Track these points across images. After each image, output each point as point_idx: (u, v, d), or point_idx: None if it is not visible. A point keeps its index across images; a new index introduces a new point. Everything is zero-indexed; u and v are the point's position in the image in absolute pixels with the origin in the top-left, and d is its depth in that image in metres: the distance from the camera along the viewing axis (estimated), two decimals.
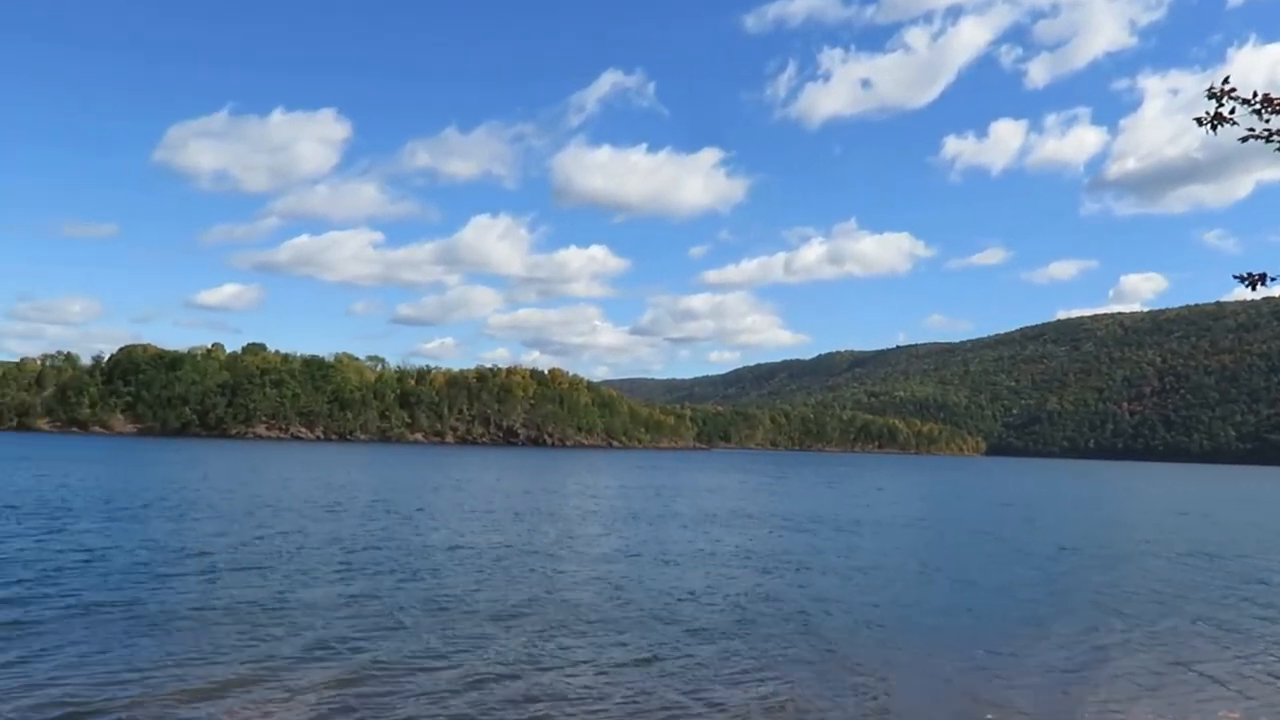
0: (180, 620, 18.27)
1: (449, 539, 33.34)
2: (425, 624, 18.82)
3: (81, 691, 13.53)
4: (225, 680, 14.38)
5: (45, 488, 50.91)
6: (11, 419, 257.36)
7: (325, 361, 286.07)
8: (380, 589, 22.50)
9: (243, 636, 17.06)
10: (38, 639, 16.44)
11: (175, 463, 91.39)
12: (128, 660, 15.30)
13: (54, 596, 20.13)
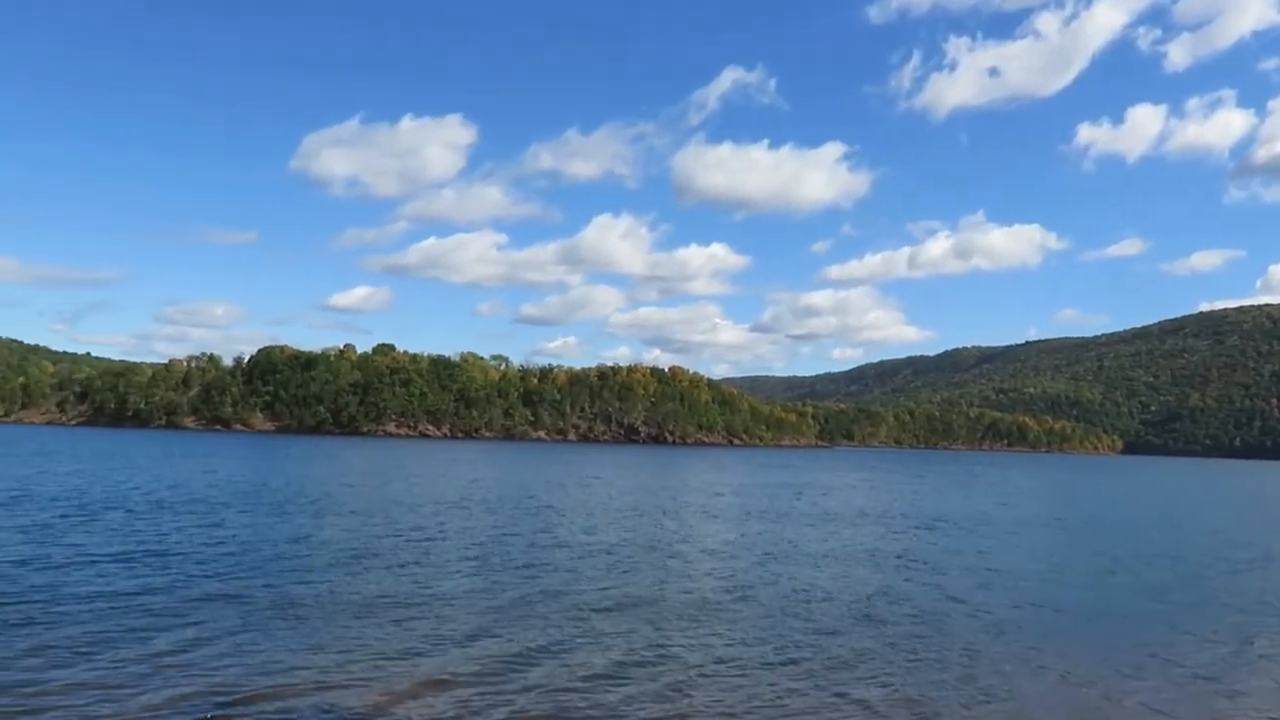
0: (324, 611, 18.68)
1: (580, 535, 33.58)
2: (562, 618, 18.84)
3: (229, 678, 13.89)
4: (365, 671, 14.58)
5: (198, 483, 53.44)
6: (161, 417, 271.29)
7: (451, 361, 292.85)
8: (516, 583, 22.58)
9: (383, 628, 17.29)
10: (191, 627, 16.96)
11: (315, 459, 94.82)
12: (274, 649, 15.66)
13: (207, 586, 20.84)
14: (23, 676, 13.58)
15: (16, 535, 28.01)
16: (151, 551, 25.76)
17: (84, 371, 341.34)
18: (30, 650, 14.97)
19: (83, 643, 15.56)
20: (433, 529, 33.67)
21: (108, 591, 19.87)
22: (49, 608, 18.06)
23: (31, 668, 14.04)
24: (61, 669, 14.04)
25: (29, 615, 17.34)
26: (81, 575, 21.68)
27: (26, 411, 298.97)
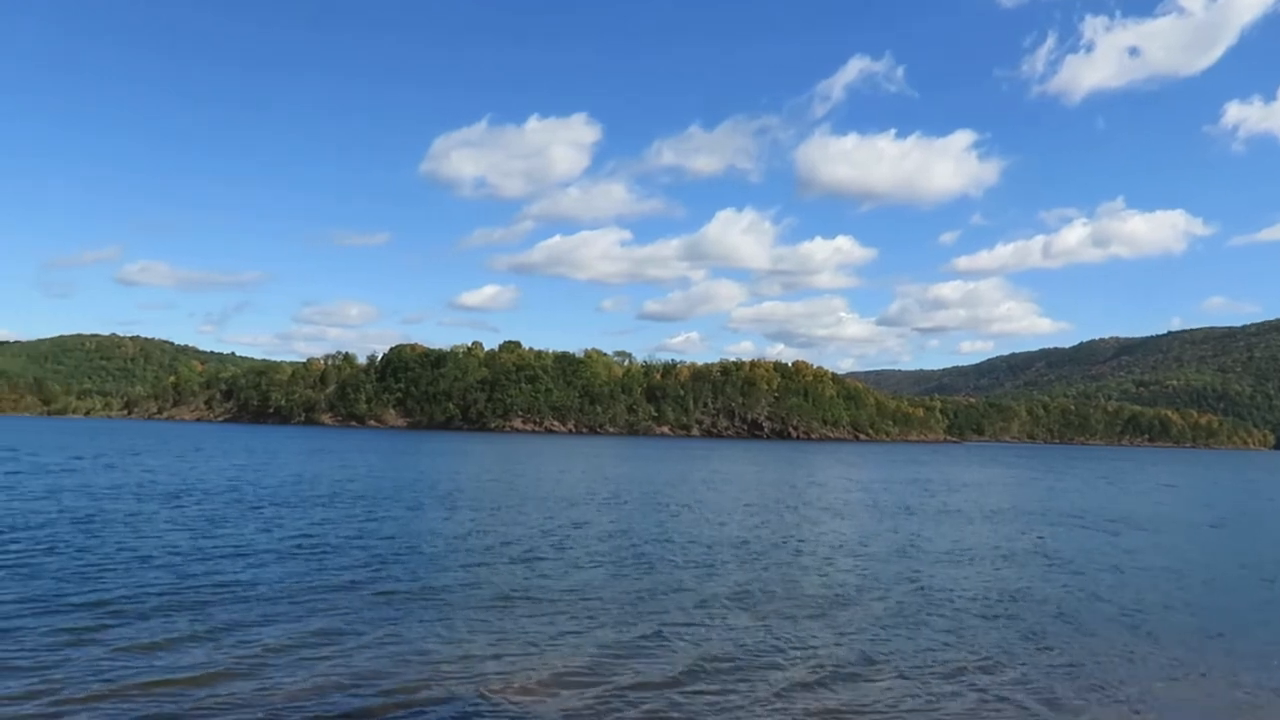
0: (464, 602, 18.88)
1: (710, 530, 33.40)
2: (696, 614, 18.61)
3: (372, 668, 14.07)
4: (504, 662, 14.63)
5: (340, 478, 55.42)
6: (300, 414, 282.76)
7: (576, 357, 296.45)
8: (649, 577, 22.46)
9: (521, 620, 17.41)
10: (336, 616, 17.33)
11: (447, 454, 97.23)
12: (416, 639, 15.87)
13: (351, 577, 21.34)
14: (172, 661, 14.10)
15: (179, 527, 29.41)
16: (299, 544, 26.61)
17: (229, 370, 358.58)
18: (182, 637, 15.53)
19: (232, 630, 16.09)
20: (565, 523, 34.03)
21: (258, 581, 20.56)
22: (203, 596, 18.78)
23: (182, 654, 14.56)
24: (211, 655, 14.51)
25: (183, 603, 18.06)
26: (234, 565, 22.52)
27: (177, 408, 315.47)
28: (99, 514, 32.02)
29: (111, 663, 13.96)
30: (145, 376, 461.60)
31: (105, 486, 43.49)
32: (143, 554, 23.66)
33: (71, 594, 18.48)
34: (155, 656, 14.41)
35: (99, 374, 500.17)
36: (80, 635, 15.39)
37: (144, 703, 12.33)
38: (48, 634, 15.39)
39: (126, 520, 30.52)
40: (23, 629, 15.64)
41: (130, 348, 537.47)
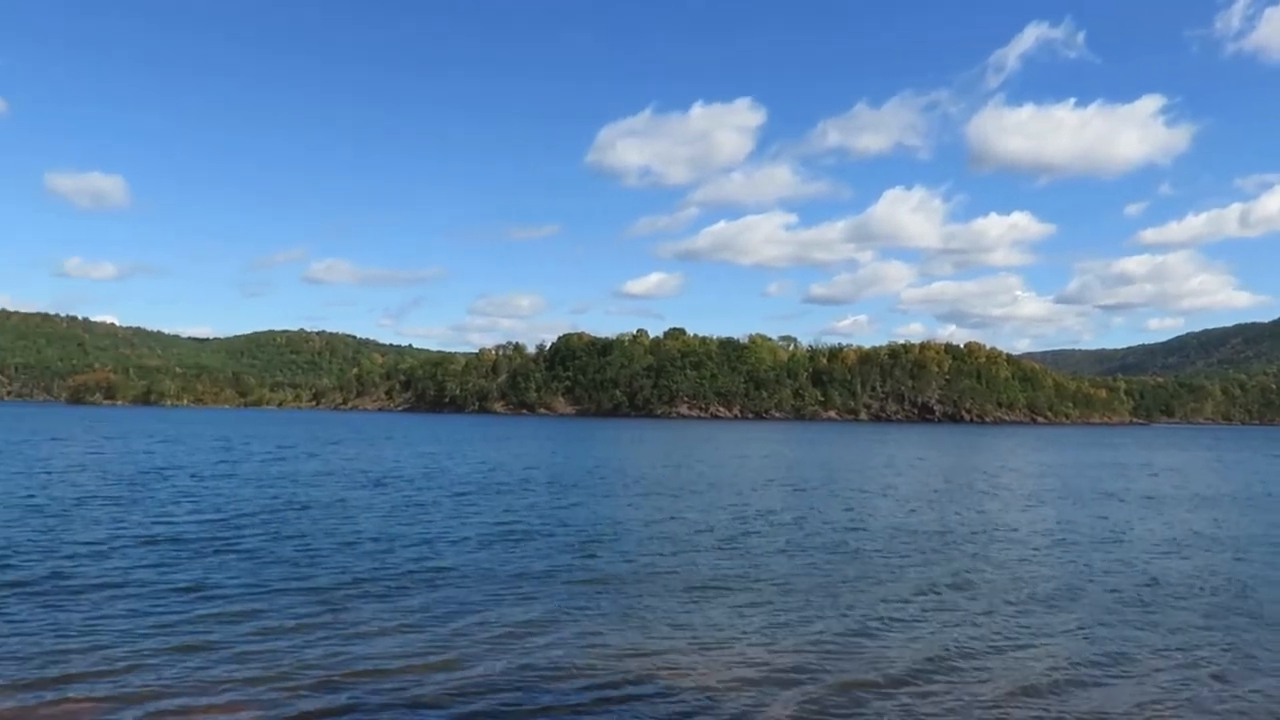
0: (649, 590, 18.64)
1: (891, 517, 32.33)
2: (886, 605, 17.78)
3: (561, 656, 13.92)
4: (690, 652, 14.22)
5: (521, 465, 56.82)
6: (474, 403, 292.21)
7: (740, 343, 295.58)
8: (833, 565, 21.72)
9: (705, 608, 17.07)
10: (522, 603, 17.31)
11: (619, 441, 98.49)
12: (602, 627, 15.68)
13: (539, 564, 21.45)
14: (361, 650, 14.29)
15: (382, 514, 30.50)
16: (495, 531, 27.09)
17: (407, 362, 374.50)
18: (368, 624, 15.81)
19: (433, 617, 16.31)
20: (751, 510, 33.68)
21: (457, 567, 20.89)
22: (403, 582, 19.17)
23: (370, 640, 14.79)
24: (409, 643, 14.67)
25: (388, 590, 18.50)
26: (436, 552, 23.07)
27: (360, 399, 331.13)
28: (312, 501, 33.60)
29: (316, 649, 14.29)
30: (331, 369, 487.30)
31: (311, 474, 45.84)
32: (349, 541, 24.51)
33: (288, 580, 19.21)
34: (358, 643, 14.68)
35: (289, 367, 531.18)
36: (290, 621, 15.90)
37: (346, 691, 12.50)
38: (264, 619, 15.98)
39: (333, 507, 31.89)
40: (247, 614, 16.29)
41: (317, 342, 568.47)
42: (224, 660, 13.44)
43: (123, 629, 14.92)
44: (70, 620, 15.36)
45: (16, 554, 21.13)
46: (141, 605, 16.53)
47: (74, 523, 26.41)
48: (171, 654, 13.66)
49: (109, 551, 21.82)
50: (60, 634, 14.54)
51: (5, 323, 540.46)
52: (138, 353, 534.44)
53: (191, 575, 19.27)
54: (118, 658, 13.39)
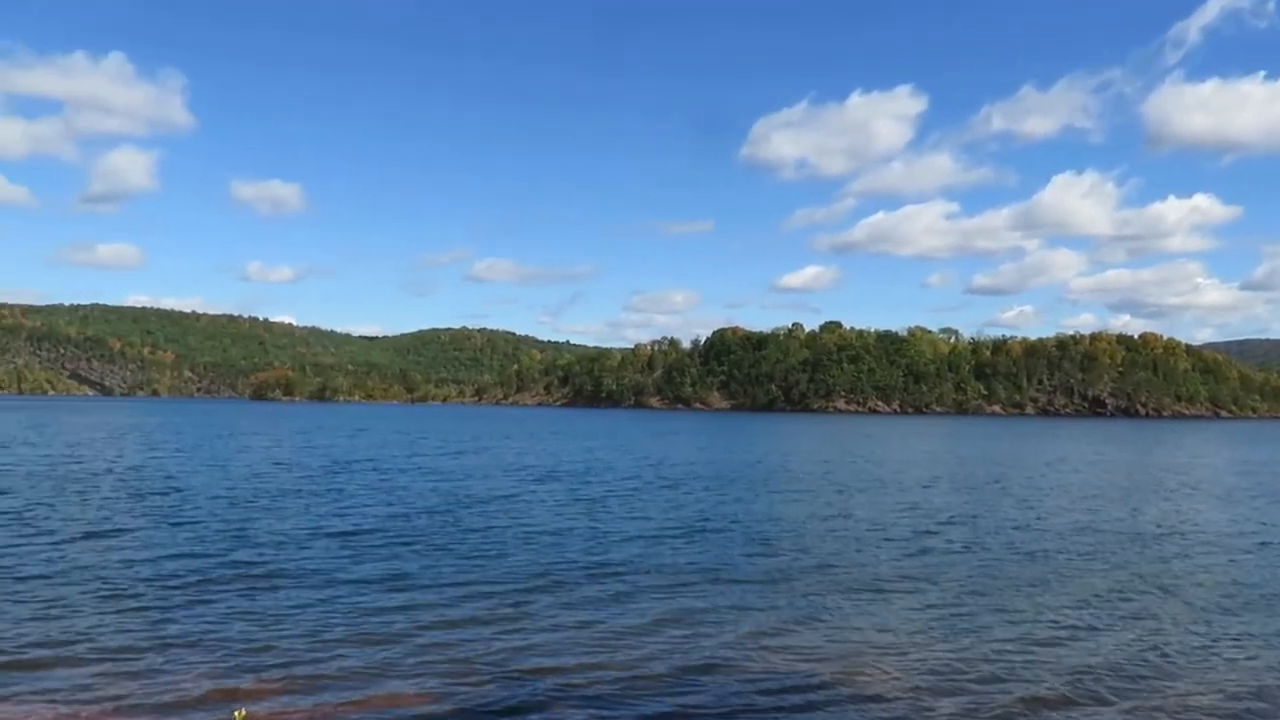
0: (814, 587, 18.12)
1: (1067, 516, 30.71)
2: (1069, 605, 16.71)
3: (751, 658, 13.65)
4: (858, 653, 13.69)
5: (692, 459, 57.00)
6: (630, 398, 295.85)
7: (899, 336, 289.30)
8: (1007, 564, 20.69)
9: (879, 607, 16.46)
10: (712, 598, 17.11)
11: (782, 435, 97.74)
12: (763, 622, 15.32)
13: (731, 559, 21.24)
14: (539, 644, 14.36)
15: (553, 509, 31.04)
16: (669, 525, 27.12)
17: (565, 358, 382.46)
18: (545, 619, 15.86)
19: (596, 611, 16.33)
20: (911, 506, 32.61)
21: (617, 562, 20.97)
22: (571, 578, 19.31)
23: (547, 635, 14.84)
24: (576, 636, 14.71)
25: (559, 585, 18.67)
26: (588, 547, 23.22)
27: (520, 394, 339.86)
28: (488, 495, 34.51)
29: (494, 644, 14.42)
30: (492, 365, 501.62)
31: (484, 468, 47.20)
32: (525, 535, 24.90)
33: (469, 574, 19.63)
34: (535, 637, 14.76)
35: (452, 364, 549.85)
36: (469, 615, 16.19)
37: (524, 685, 12.53)
38: (445, 611, 16.33)
39: (508, 501, 32.59)
40: (427, 606, 16.65)
41: (478, 339, 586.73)
42: (405, 652, 13.72)
43: (310, 619, 15.47)
44: (262, 608, 16.03)
45: (217, 544, 22.31)
46: (327, 596, 17.12)
47: (268, 515, 27.72)
48: (354, 644, 14.05)
49: (300, 543, 22.77)
50: (253, 621, 15.18)
51: (195, 324, 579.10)
52: (313, 351, 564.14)
53: (376, 568, 19.86)
54: (303, 647, 13.87)
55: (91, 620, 14.97)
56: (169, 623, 14.96)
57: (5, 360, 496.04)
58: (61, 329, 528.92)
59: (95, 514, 26.81)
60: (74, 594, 16.65)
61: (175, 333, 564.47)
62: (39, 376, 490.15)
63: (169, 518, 26.46)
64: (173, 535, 23.43)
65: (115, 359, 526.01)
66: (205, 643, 13.90)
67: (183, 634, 14.32)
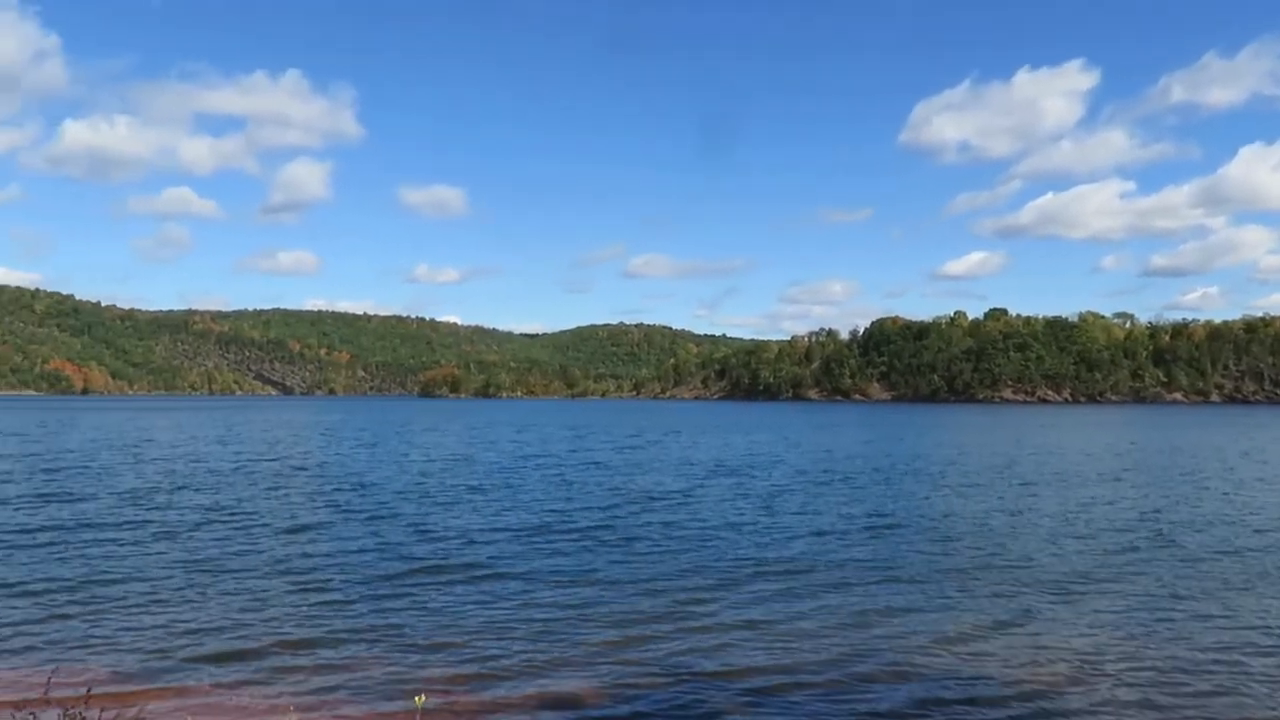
0: (990, 586, 17.40)
1: (1263, 515, 29.45)
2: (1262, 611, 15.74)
3: (931, 657, 13.17)
4: (1035, 651, 12.95)
5: (863, 452, 56.67)
6: (787, 390, 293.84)
7: (1069, 322, 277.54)
8: (1210, 563, 19.48)
9: (1106, 614, 15.66)
10: (900, 595, 16.69)
11: (950, 427, 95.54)
12: (938, 620, 14.71)
13: (918, 557, 20.76)
14: (709, 644, 14.25)
15: (726, 504, 31.12)
16: (832, 521, 26.75)
17: (722, 351, 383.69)
18: (716, 618, 15.77)
19: (769, 609, 16.09)
20: (1097, 500, 30.87)
21: (792, 558, 20.72)
22: (741, 574, 19.18)
23: (716, 635, 14.70)
24: (745, 636, 14.51)
25: (732, 581, 18.59)
26: (760, 540, 23.06)
27: (677, 388, 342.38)
28: (663, 491, 34.97)
29: (664, 643, 14.36)
30: (649, 360, 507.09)
31: (657, 462, 47.94)
32: (700, 531, 24.99)
33: (643, 569, 19.85)
34: (702, 637, 14.60)
35: (610, 359, 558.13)
36: (641, 612, 16.21)
37: (690, 686, 12.36)
38: (614, 606, 16.45)
39: (683, 496, 32.75)
40: (599, 601, 16.85)
41: (635, 334, 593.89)
42: (579, 649, 13.84)
43: (486, 613, 15.84)
44: (441, 602, 16.55)
45: (399, 539, 23.25)
46: (501, 590, 17.54)
47: (447, 510, 28.64)
48: (529, 639, 14.24)
49: (477, 538, 23.40)
50: (432, 614, 15.65)
51: (366, 325, 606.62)
52: (477, 349, 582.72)
53: (551, 563, 20.15)
54: (479, 640, 14.16)
55: (279, 611, 15.71)
56: (352, 614, 15.55)
57: (197, 363, 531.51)
58: (246, 333, 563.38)
59: (286, 509, 28.24)
60: (263, 586, 17.56)
61: (349, 334, 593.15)
62: (227, 377, 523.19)
63: (355, 513, 27.61)
64: (357, 530, 24.41)
65: (295, 360, 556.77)
66: (386, 634, 14.37)
67: (365, 626, 14.84)
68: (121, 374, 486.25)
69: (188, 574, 18.46)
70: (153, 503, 29.38)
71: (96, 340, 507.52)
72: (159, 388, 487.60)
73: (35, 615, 15.22)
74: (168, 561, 19.65)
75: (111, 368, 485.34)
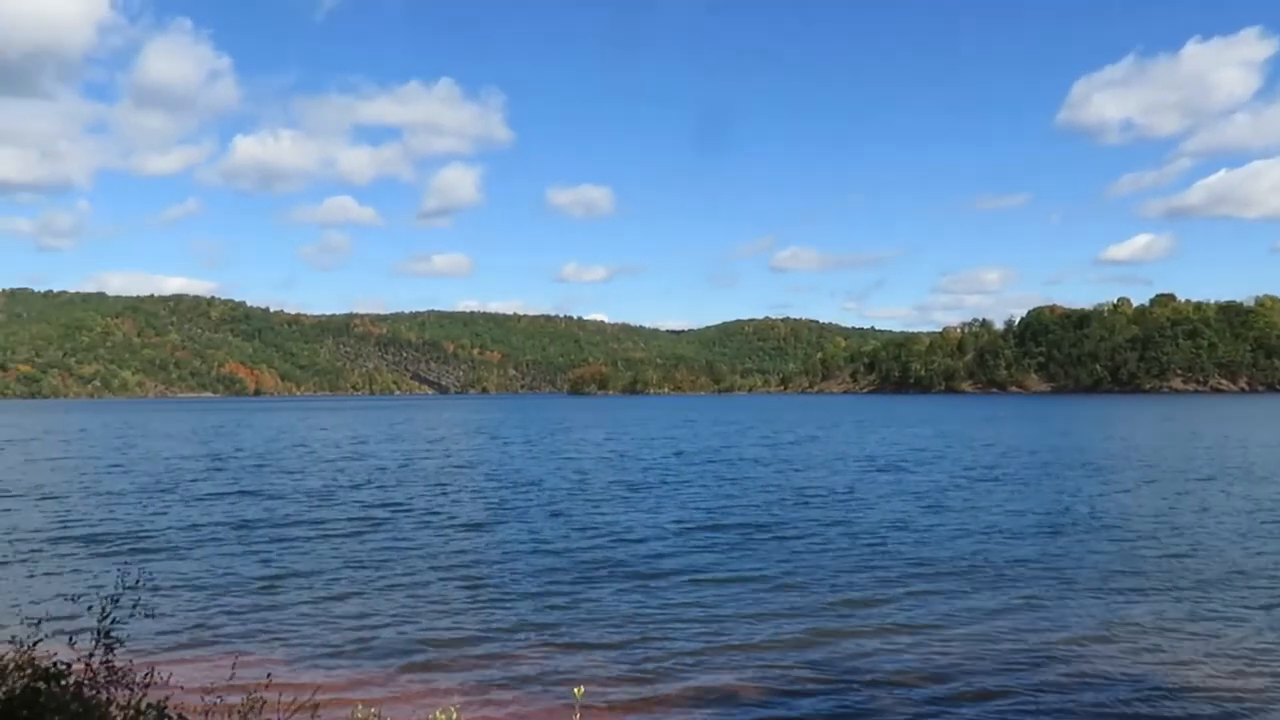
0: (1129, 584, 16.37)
1: None
2: None
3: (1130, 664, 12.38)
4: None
5: (1034, 446, 54.93)
6: (939, 383, 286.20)
7: (1245, 307, 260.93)
8: None
9: None
10: (1087, 597, 16.03)
11: (1114, 420, 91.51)
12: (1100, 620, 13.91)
13: (1107, 559, 20.04)
14: (864, 649, 13.91)
15: (892, 501, 30.58)
16: (1007, 520, 25.97)
17: (870, 344, 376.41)
18: (868, 623, 15.43)
19: (918, 607, 15.66)
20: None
21: (940, 557, 20.15)
22: (916, 570, 18.70)
23: (865, 640, 14.36)
24: (892, 642, 14.10)
25: (891, 576, 18.15)
26: (923, 540, 22.35)
27: (825, 382, 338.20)
28: (832, 488, 34.70)
29: (814, 649, 14.13)
30: (795, 354, 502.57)
31: (823, 458, 47.62)
32: (868, 530, 24.57)
33: (797, 570, 19.57)
34: (848, 643, 14.33)
35: (757, 354, 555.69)
36: (779, 611, 16.00)
37: (837, 690, 12.07)
38: (770, 605, 16.21)
39: (848, 493, 32.28)
40: (758, 600, 16.69)
41: (782, 329, 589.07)
42: (741, 647, 13.73)
43: (648, 609, 15.96)
44: (597, 596, 16.79)
45: (563, 536, 23.74)
46: (664, 586, 17.65)
47: (611, 507, 28.95)
48: (690, 636, 14.23)
49: (641, 535, 23.60)
50: (592, 609, 15.84)
51: (517, 325, 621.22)
52: (624, 347, 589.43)
53: (711, 560, 20.17)
54: (639, 635, 14.24)
55: (445, 605, 16.28)
56: (514, 609, 15.88)
57: (358, 364, 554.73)
58: (403, 334, 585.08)
59: (454, 507, 29.10)
60: (431, 580, 18.20)
61: (500, 334, 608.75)
62: (386, 378, 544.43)
63: (519, 510, 28.23)
64: (522, 527, 24.97)
65: (449, 360, 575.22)
66: (547, 628, 14.64)
67: (527, 620, 15.14)
68: (289, 376, 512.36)
69: (361, 569, 19.27)
70: (332, 500, 30.90)
71: (266, 344, 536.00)
72: (323, 388, 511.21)
73: (223, 607, 16.15)
74: (344, 557, 20.58)
75: (280, 370, 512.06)
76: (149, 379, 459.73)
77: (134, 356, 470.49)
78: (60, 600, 15.12)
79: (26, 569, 19.34)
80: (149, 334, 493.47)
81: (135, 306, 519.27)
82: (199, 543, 22.56)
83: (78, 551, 21.46)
